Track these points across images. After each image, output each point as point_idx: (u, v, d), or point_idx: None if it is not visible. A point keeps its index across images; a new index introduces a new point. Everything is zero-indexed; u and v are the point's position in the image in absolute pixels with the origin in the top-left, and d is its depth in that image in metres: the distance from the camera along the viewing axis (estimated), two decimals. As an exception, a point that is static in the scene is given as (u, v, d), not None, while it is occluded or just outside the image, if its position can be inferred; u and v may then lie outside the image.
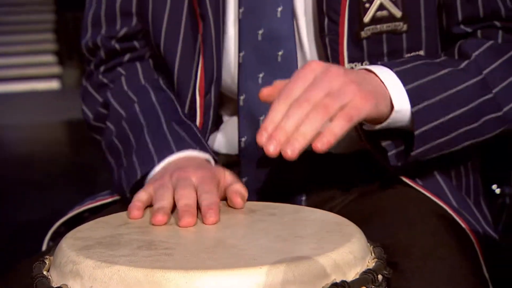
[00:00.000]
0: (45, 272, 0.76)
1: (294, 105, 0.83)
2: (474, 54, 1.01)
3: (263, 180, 1.07)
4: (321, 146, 0.81)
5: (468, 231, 1.01)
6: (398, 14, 1.03)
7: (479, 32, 1.05)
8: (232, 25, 1.08)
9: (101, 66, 1.18)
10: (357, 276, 0.72)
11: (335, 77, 0.86)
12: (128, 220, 0.85)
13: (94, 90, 1.18)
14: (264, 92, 0.89)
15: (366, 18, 1.02)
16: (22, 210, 3.38)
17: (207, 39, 1.07)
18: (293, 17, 1.05)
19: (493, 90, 1.00)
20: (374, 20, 1.03)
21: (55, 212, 1.17)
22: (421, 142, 0.96)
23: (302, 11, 1.05)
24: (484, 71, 1.01)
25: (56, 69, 8.15)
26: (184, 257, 0.72)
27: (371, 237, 0.81)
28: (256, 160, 1.06)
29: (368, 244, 0.79)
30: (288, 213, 0.87)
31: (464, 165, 1.13)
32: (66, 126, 5.95)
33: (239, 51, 1.06)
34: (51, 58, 8.30)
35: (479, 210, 1.11)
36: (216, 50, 1.07)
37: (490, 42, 1.03)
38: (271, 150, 0.81)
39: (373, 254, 0.78)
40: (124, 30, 1.16)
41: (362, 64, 1.03)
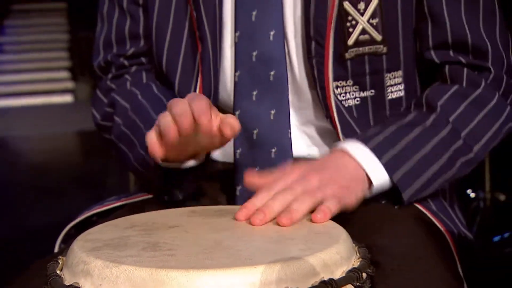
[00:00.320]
0: (58, 271, 0.76)
1: (277, 194, 0.87)
2: (439, 104, 1.03)
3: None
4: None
5: (444, 232, 1.02)
6: (379, 38, 1.04)
7: (446, 68, 1.06)
8: (228, 47, 1.08)
9: (109, 74, 1.19)
10: (344, 275, 0.73)
11: (313, 177, 0.90)
12: (135, 223, 0.85)
13: (102, 95, 1.19)
14: (249, 181, 0.93)
15: (350, 41, 1.04)
16: (36, 214, 3.37)
17: (205, 59, 1.08)
18: (284, 40, 1.05)
19: (462, 134, 1.02)
20: (357, 43, 1.04)
21: (67, 216, 1.17)
22: (410, 198, 1.00)
23: (292, 35, 1.06)
24: (451, 118, 1.02)
25: (69, 84, 8.16)
26: (186, 258, 0.72)
27: (353, 237, 0.81)
28: (249, 169, 1.06)
29: (354, 244, 0.80)
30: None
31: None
32: (78, 137, 5.95)
33: (235, 71, 1.07)
34: (65, 74, 8.31)
35: (454, 212, 1.12)
36: (214, 69, 1.08)
37: (454, 88, 1.05)
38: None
39: (358, 254, 0.78)
40: (132, 50, 1.17)
41: (346, 82, 1.04)
